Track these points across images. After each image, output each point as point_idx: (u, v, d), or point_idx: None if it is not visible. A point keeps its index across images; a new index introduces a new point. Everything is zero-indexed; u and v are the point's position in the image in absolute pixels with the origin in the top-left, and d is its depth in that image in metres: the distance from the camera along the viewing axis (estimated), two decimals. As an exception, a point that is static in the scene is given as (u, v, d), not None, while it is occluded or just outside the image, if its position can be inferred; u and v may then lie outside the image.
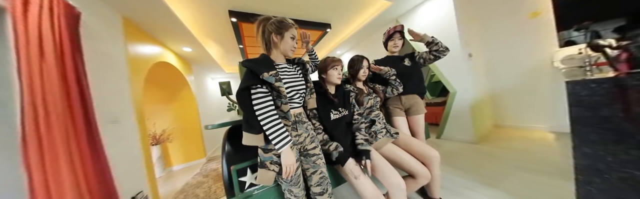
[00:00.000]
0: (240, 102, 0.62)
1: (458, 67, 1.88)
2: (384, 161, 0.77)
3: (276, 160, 0.61)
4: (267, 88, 0.62)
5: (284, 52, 0.70)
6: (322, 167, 0.69)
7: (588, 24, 0.66)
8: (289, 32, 0.67)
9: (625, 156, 0.61)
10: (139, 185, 1.33)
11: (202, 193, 1.70)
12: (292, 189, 0.64)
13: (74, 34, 0.93)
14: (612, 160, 0.63)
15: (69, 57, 0.87)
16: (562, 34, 1.68)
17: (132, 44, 1.55)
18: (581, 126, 0.67)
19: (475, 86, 1.94)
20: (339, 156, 0.72)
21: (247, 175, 0.72)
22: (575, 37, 1.62)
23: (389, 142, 0.88)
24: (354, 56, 0.97)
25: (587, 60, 1.23)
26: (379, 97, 0.98)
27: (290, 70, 0.72)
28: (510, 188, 1.04)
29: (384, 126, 0.93)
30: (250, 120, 0.59)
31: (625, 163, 0.61)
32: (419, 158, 0.85)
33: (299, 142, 0.69)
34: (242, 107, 0.61)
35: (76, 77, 0.88)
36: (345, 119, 0.84)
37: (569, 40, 1.66)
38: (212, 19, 1.98)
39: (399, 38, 1.08)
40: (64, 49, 0.86)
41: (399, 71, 1.04)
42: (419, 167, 0.80)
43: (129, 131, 1.36)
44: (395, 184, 0.69)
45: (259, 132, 0.59)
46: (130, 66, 1.46)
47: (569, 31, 1.64)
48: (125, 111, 1.34)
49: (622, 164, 0.62)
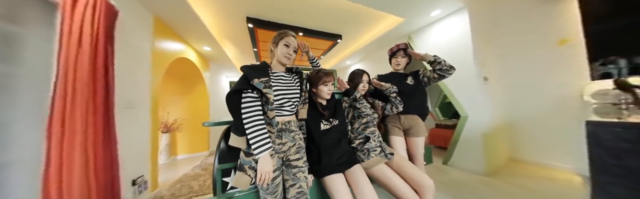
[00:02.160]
0: (229, 104, 0.63)
1: (472, 90, 1.78)
2: (367, 182, 0.71)
3: (254, 165, 0.60)
4: (258, 94, 0.63)
5: (279, 59, 0.72)
6: (302, 181, 0.65)
7: (615, 58, 0.60)
8: (283, 40, 0.70)
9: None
10: (141, 170, 1.38)
11: (197, 185, 1.71)
12: (268, 198, 0.61)
13: (109, 28, 1.05)
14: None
15: (102, 47, 0.97)
16: (595, 65, 1.55)
17: (158, 40, 1.67)
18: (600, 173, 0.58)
19: (491, 112, 1.80)
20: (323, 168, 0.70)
21: (231, 176, 0.71)
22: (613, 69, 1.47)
23: (381, 163, 0.83)
24: (355, 69, 0.97)
25: (622, 97, 1.11)
26: (377, 113, 0.95)
27: (286, 78, 0.73)
28: None
29: (379, 144, 0.88)
30: (236, 122, 0.61)
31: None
32: (412, 184, 0.77)
33: (281, 151, 0.66)
34: (230, 110, 0.63)
35: (104, 64, 0.98)
36: (336, 128, 0.81)
37: (605, 72, 1.51)
38: (231, 23, 2.11)
39: (402, 56, 1.06)
40: (99, 40, 0.96)
41: (400, 88, 1.00)
42: (410, 195, 0.73)
43: (142, 118, 1.43)
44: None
45: (242, 135, 0.59)
46: (154, 59, 1.58)
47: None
48: (141, 99, 1.43)
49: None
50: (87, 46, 0.90)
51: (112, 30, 1.06)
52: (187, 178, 1.91)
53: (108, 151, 0.98)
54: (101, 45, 0.98)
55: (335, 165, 0.75)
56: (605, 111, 1.50)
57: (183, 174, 2.04)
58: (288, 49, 0.71)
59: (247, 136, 0.59)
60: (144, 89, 1.48)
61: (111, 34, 1.06)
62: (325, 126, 0.80)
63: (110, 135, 1.00)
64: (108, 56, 1.01)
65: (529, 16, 1.85)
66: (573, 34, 1.60)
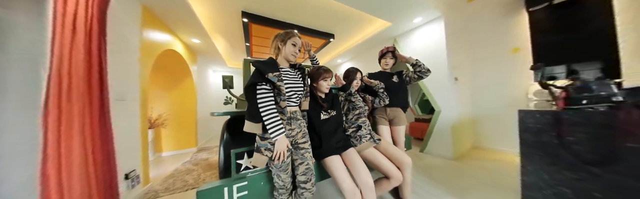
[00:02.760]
0: (247, 95, 0.70)
1: (445, 88, 2.04)
2: (361, 161, 0.86)
3: (270, 147, 0.68)
4: (270, 86, 0.71)
5: (286, 56, 0.80)
6: (309, 159, 0.77)
7: (541, 65, 0.81)
8: (291, 40, 0.78)
9: (558, 175, 0.73)
10: (133, 164, 1.34)
11: (191, 179, 1.69)
12: (281, 174, 0.71)
13: (102, 15, 0.99)
14: (548, 178, 0.76)
15: (96, 35, 0.93)
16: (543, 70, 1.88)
17: (146, 31, 1.59)
18: (527, 148, 0.80)
19: (459, 108, 2.10)
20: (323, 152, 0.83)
21: (244, 159, 0.79)
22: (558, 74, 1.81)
23: (371, 147, 0.98)
24: (350, 67, 1.10)
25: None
26: (367, 106, 1.09)
27: (291, 73, 0.81)
28: (473, 198, 1.17)
29: (369, 132, 1.03)
30: (253, 111, 0.68)
31: (558, 181, 0.73)
32: (395, 162, 0.94)
33: (291, 135, 0.76)
34: (248, 100, 0.70)
35: (98, 54, 0.94)
36: (333, 118, 0.93)
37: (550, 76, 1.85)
38: (225, 17, 2.06)
39: (390, 57, 1.22)
40: (93, 27, 0.92)
41: (387, 85, 1.16)
42: (394, 170, 0.90)
43: (132, 111, 1.38)
44: (364, 182, 0.78)
45: (258, 121, 0.67)
46: (142, 51, 1.51)
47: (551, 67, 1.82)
48: (131, 91, 1.37)
49: (555, 182, 0.74)
50: (81, 32, 0.87)
51: (105, 18, 1.01)
52: (179, 173, 1.87)
53: (105, 144, 0.97)
54: (95, 32, 0.94)
55: (334, 148, 0.88)
56: (541, 106, 1.88)
57: (174, 169, 1.99)
58: (294, 48, 0.79)
59: (263, 122, 0.67)
60: (133, 81, 1.42)
61: (104, 22, 1.00)
62: (324, 116, 0.92)
63: (106, 127, 0.98)
64: (101, 44, 0.97)
65: (493, 27, 2.17)
66: (524, 44, 1.93)
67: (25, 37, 0.79)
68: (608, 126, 0.62)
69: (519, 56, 1.98)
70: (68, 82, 0.80)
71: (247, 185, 0.76)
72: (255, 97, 0.69)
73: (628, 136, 0.58)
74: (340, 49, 3.41)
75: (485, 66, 2.26)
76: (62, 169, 0.76)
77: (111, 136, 0.99)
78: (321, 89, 0.94)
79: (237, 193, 0.74)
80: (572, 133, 0.68)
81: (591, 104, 0.67)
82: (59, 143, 0.76)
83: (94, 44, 0.92)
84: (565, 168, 0.71)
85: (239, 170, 0.78)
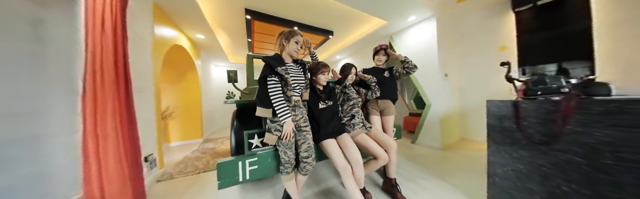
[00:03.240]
0: (259, 85, 0.84)
1: (435, 84, 2.17)
2: (353, 144, 0.99)
3: (279, 128, 0.82)
4: (278, 78, 0.83)
5: (289, 53, 0.91)
6: (310, 140, 0.90)
7: (508, 62, 0.94)
8: (294, 38, 0.89)
9: (515, 154, 0.88)
10: (150, 149, 1.47)
11: (201, 164, 1.82)
12: (287, 151, 0.85)
13: (123, 12, 1.09)
14: (508, 157, 0.90)
15: (120, 33, 1.03)
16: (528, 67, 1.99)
17: (157, 26, 1.68)
18: (492, 132, 0.94)
19: (448, 102, 2.24)
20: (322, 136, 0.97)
21: (254, 139, 0.93)
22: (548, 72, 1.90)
23: (362, 133, 1.11)
24: (346, 63, 1.21)
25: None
26: (360, 98, 1.22)
27: (294, 68, 0.93)
28: (451, 181, 1.32)
29: (361, 120, 1.16)
30: (264, 99, 0.81)
31: (515, 159, 0.88)
32: (382, 145, 1.08)
33: (295, 120, 0.89)
34: (260, 89, 0.83)
35: (123, 50, 1.04)
36: (330, 108, 1.06)
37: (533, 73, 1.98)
38: (229, 13, 2.13)
39: (383, 54, 1.33)
40: (118, 26, 1.02)
41: (379, 80, 1.28)
42: (381, 151, 1.04)
43: (148, 102, 1.50)
44: (354, 159, 0.92)
45: (269, 107, 0.81)
46: (154, 46, 1.62)
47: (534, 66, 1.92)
48: (146, 84, 1.48)
49: (513, 160, 0.89)
50: (109, 32, 0.97)
51: (125, 17, 1.11)
52: (189, 159, 2.01)
53: (131, 128, 1.08)
54: (119, 31, 1.03)
55: (330, 133, 1.01)
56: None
57: (184, 156, 2.13)
58: (297, 45, 0.90)
59: (274, 108, 0.80)
60: (147, 74, 1.53)
61: (124, 20, 1.10)
62: (322, 106, 1.04)
63: (131, 114, 1.10)
64: (125, 41, 1.07)
65: (481, 26, 2.26)
66: (510, 42, 2.04)
67: (61, 31, 0.89)
68: (553, 112, 0.75)
69: (505, 54, 2.10)
70: (101, 72, 0.91)
71: (257, 161, 0.90)
72: (266, 87, 0.81)
73: (567, 119, 0.72)
74: (339, 46, 3.49)
75: (473, 63, 2.38)
76: (99, 145, 0.88)
77: (135, 120, 1.11)
78: (320, 82, 1.06)
79: (249, 166, 0.88)
80: (526, 119, 0.82)
81: (544, 95, 0.81)
82: (96, 125, 0.88)
83: (119, 39, 1.02)
84: (520, 148, 0.85)
85: (250, 148, 0.91)
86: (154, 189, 1.35)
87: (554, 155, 0.76)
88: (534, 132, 0.81)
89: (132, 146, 1.08)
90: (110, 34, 0.97)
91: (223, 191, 1.29)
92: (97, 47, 0.92)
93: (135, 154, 1.11)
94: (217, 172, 0.82)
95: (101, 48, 0.93)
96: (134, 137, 1.10)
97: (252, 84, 1.85)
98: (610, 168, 0.64)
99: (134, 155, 1.10)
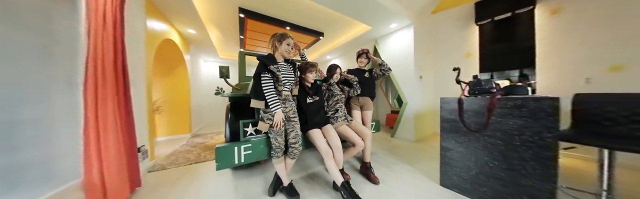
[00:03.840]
0: (254, 81, 0.97)
1: (412, 84, 2.44)
2: (334, 133, 1.17)
3: (270, 117, 0.95)
4: (271, 75, 0.97)
5: (281, 53, 1.04)
6: (297, 129, 1.06)
7: (458, 67, 1.17)
8: (285, 41, 1.02)
9: (459, 139, 1.12)
10: (142, 141, 1.50)
11: (193, 156, 1.87)
12: (277, 138, 0.99)
13: (122, 6, 1.12)
14: (454, 142, 1.14)
15: (119, 27, 1.08)
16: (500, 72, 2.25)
17: (149, 21, 1.70)
18: (444, 123, 1.18)
19: (422, 101, 2.53)
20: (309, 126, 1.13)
21: (249, 127, 1.06)
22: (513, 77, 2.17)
23: (344, 124, 1.29)
24: (332, 64, 1.39)
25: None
26: (343, 94, 1.40)
27: (285, 66, 1.06)
28: (416, 166, 1.57)
29: (344, 114, 1.34)
30: (258, 92, 0.94)
31: (459, 144, 1.12)
32: (360, 134, 1.28)
33: (285, 111, 1.03)
34: (255, 84, 0.97)
35: (121, 42, 1.09)
36: (316, 103, 1.22)
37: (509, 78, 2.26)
38: (222, 10, 2.17)
39: (365, 57, 1.53)
40: (117, 20, 1.07)
41: (360, 79, 1.47)
42: (358, 140, 1.23)
43: (140, 95, 1.53)
44: (335, 144, 1.10)
45: (262, 99, 0.94)
46: (147, 40, 1.64)
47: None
48: (138, 77, 1.52)
49: (457, 144, 1.13)
50: (110, 25, 1.02)
51: (123, 8, 1.13)
52: (179, 152, 2.03)
53: (128, 117, 1.14)
54: (118, 24, 1.08)
55: (316, 124, 1.17)
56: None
57: (173, 150, 2.15)
58: (288, 47, 1.04)
59: (266, 100, 0.93)
60: (140, 67, 1.56)
61: (123, 14, 1.14)
62: (310, 100, 1.20)
63: (128, 104, 1.15)
64: (123, 35, 1.11)
65: (452, 35, 2.57)
66: (474, 50, 2.36)
67: (65, 23, 0.93)
68: (483, 107, 1.00)
69: (471, 59, 2.42)
70: (102, 64, 0.96)
71: (251, 147, 1.04)
72: (260, 82, 0.95)
73: (491, 112, 0.96)
74: (329, 47, 3.66)
75: (445, 67, 2.70)
76: (100, 132, 0.94)
77: (132, 111, 1.16)
78: (308, 80, 1.21)
79: (244, 151, 1.02)
80: (466, 112, 1.06)
81: (480, 94, 1.05)
82: (97, 114, 0.94)
83: (118, 32, 1.07)
84: (462, 135, 1.09)
85: (245, 135, 1.05)
86: (147, 178, 1.41)
87: (484, 139, 1.01)
88: (471, 122, 1.05)
89: (128, 135, 1.13)
90: (110, 27, 1.02)
91: (217, 177, 1.40)
92: (98, 38, 0.96)
93: (131, 142, 1.18)
94: (215, 155, 0.95)
95: (102, 40, 0.98)
96: (130, 127, 1.15)
97: (244, 80, 1.94)
98: (518, 147, 0.89)
99: (131, 144, 1.17)
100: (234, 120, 1.27)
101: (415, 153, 1.94)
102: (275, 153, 1.04)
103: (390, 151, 2.00)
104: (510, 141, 0.92)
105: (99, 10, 0.98)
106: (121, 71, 1.09)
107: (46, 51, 0.89)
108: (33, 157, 0.82)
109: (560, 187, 1.02)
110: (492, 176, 0.98)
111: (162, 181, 1.36)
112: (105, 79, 0.99)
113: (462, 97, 1.07)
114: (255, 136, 1.09)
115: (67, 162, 0.94)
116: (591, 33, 1.63)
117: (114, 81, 1.04)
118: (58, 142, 0.91)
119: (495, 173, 0.97)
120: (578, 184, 1.16)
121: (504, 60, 2.08)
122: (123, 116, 1.09)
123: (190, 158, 1.87)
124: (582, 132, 0.91)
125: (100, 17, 0.99)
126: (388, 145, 2.27)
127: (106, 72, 0.99)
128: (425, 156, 1.85)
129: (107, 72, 0.99)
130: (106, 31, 1.00)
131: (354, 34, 2.87)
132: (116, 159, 1.02)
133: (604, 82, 1.57)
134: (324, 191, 1.15)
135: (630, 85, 1.46)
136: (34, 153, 0.83)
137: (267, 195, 1.10)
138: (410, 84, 2.47)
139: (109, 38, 1.01)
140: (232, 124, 1.27)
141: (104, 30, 1.00)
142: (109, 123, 0.99)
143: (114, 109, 1.02)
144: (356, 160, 1.68)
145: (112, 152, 1.00)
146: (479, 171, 1.04)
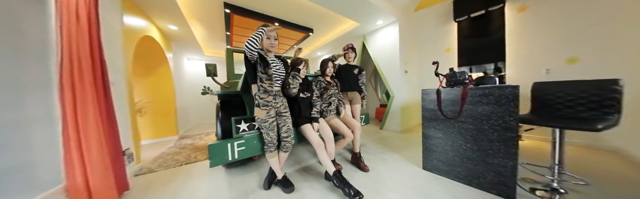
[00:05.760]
0: (246, 67, 1.00)
1: (398, 79, 2.57)
2: (326, 125, 1.23)
3: (266, 103, 0.99)
4: (262, 68, 0.99)
5: (267, 48, 1.05)
6: (289, 123, 1.09)
7: (437, 61, 1.27)
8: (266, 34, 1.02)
9: (438, 126, 1.23)
10: (127, 143, 1.44)
11: (183, 158, 1.81)
12: (269, 133, 1.02)
13: (96, 3, 1.06)
14: (434, 129, 1.25)
15: (94, 22, 1.01)
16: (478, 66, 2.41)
17: (126, 16, 1.60)
18: (424, 112, 1.28)
19: (407, 94, 2.67)
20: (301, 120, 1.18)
21: (241, 124, 1.08)
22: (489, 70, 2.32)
23: (336, 118, 1.36)
24: (324, 59, 1.43)
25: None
26: (337, 89, 1.46)
27: (277, 62, 1.08)
28: (402, 153, 1.70)
29: (336, 107, 1.41)
30: (252, 75, 0.99)
31: (438, 130, 1.23)
32: (349, 126, 1.35)
33: (276, 107, 1.07)
34: (247, 70, 1.00)
35: (98, 39, 1.02)
36: (308, 99, 1.26)
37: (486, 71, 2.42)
38: (205, 5, 2.08)
39: (351, 52, 1.58)
40: (91, 16, 1.00)
41: (349, 75, 1.54)
42: (348, 132, 1.30)
43: (121, 95, 1.45)
44: (327, 135, 1.16)
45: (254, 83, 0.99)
46: (124, 37, 1.55)
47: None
48: (118, 77, 1.44)
49: (436, 130, 1.24)
50: (84, 20, 0.96)
51: (97, 4, 1.06)
52: (167, 155, 1.95)
53: (110, 118, 1.09)
54: (93, 19, 1.01)
55: (308, 118, 1.22)
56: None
57: (161, 152, 2.06)
58: (269, 40, 1.03)
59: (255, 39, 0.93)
60: (119, 66, 1.48)
61: (97, 8, 1.06)
62: (303, 95, 1.23)
63: (108, 104, 1.09)
64: (99, 30, 1.05)
65: (433, 31, 2.71)
66: (453, 46, 2.51)
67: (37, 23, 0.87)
68: (457, 96, 1.10)
69: (450, 54, 2.58)
70: (78, 62, 0.91)
71: (244, 143, 1.06)
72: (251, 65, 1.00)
73: (464, 100, 1.06)
74: (319, 43, 3.67)
75: (427, 61, 2.85)
76: (80, 135, 0.90)
77: (113, 111, 1.11)
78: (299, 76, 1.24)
79: (237, 147, 1.04)
80: (443, 101, 1.16)
81: (455, 85, 1.15)
82: (76, 116, 0.89)
83: (93, 29, 1.01)
84: (440, 122, 1.20)
85: (238, 132, 1.07)
86: (135, 182, 1.34)
87: (458, 125, 1.12)
88: (447, 110, 1.16)
89: (112, 137, 1.08)
90: (85, 23, 0.96)
91: (211, 176, 1.40)
92: (72, 38, 0.90)
93: (115, 145, 1.12)
94: (208, 153, 0.96)
95: (77, 39, 0.92)
96: (113, 129, 1.10)
97: (233, 78, 1.91)
98: (485, 131, 1.01)
99: (115, 146, 1.11)
100: (225, 118, 1.27)
101: (401, 142, 2.07)
102: (268, 147, 1.07)
103: (379, 142, 2.12)
104: (480, 126, 1.03)
105: (71, 5, 0.92)
106: (100, 70, 1.04)
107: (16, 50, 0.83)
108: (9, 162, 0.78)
109: (521, 163, 1.19)
110: (465, 157, 1.10)
111: (152, 184, 1.32)
112: (83, 79, 0.94)
113: (440, 88, 1.17)
114: (248, 132, 1.11)
115: (47, 167, 0.90)
116: (551, 29, 1.82)
117: (92, 80, 0.98)
118: (36, 147, 0.87)
119: (467, 155, 1.09)
120: (536, 160, 1.33)
121: (480, 54, 2.25)
122: (104, 117, 1.04)
123: (180, 159, 1.81)
124: (538, 115, 1.04)
125: (73, 13, 0.93)
126: (377, 137, 2.39)
127: (83, 71, 0.94)
128: (410, 144, 1.99)
129: (84, 72, 0.94)
130: (80, 28, 0.95)
131: (343, 30, 2.90)
132: (100, 162, 0.97)
133: (562, 72, 1.78)
134: (318, 181, 1.21)
135: (583, 75, 1.66)
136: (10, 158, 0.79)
137: (262, 189, 1.13)
138: (396, 79, 2.59)
139: (84, 35, 0.95)
140: (223, 123, 1.27)
141: (77, 27, 0.94)
142: (90, 125, 0.94)
143: (95, 110, 0.97)
144: (347, 152, 1.76)
145: (95, 155, 0.96)
146: (454, 154, 1.16)
